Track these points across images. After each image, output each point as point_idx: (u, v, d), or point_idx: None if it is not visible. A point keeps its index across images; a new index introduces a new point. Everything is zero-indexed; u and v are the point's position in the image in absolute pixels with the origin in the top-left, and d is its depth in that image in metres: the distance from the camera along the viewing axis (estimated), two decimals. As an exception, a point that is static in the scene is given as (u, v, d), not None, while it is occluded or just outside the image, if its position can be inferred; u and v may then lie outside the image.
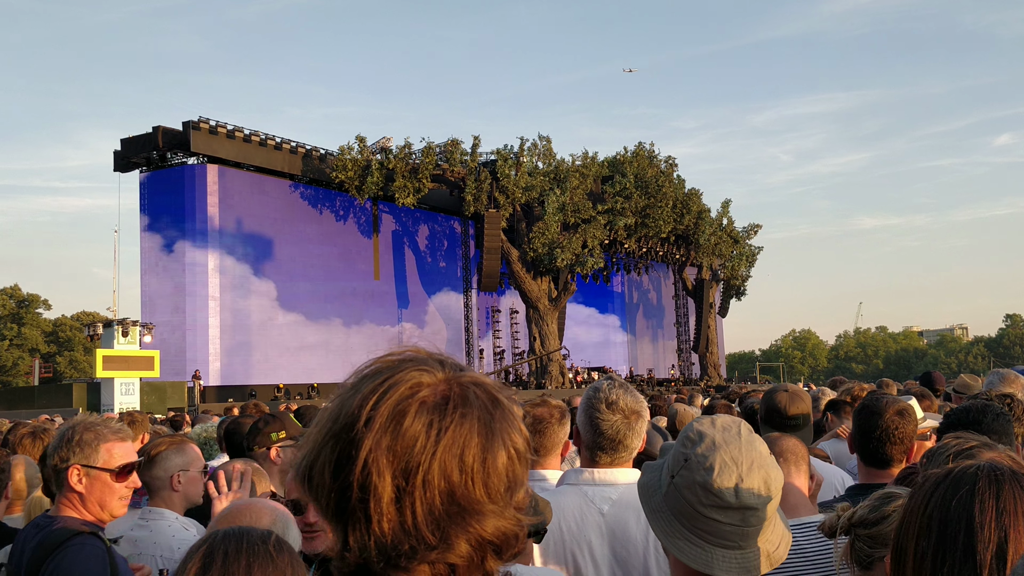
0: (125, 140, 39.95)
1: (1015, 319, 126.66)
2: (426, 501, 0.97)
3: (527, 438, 1.06)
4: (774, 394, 4.49)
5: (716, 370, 59.86)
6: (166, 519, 3.54)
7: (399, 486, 0.96)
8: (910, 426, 3.35)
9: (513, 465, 1.02)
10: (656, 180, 48.07)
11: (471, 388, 1.03)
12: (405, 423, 0.98)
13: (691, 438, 1.70)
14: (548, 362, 44.55)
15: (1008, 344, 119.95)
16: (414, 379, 1.02)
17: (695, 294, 59.15)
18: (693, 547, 1.63)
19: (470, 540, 0.98)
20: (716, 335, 61.27)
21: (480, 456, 0.99)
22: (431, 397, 1.00)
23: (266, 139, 41.34)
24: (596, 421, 2.86)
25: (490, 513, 0.99)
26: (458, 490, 0.97)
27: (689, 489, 1.64)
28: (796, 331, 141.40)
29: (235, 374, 38.84)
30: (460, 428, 0.99)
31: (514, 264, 44.17)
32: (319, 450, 1.01)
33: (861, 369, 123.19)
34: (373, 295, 46.30)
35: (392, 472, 0.96)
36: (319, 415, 1.05)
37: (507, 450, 1.01)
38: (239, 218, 40.21)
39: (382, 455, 0.97)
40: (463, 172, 43.67)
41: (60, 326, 79.57)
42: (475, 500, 0.98)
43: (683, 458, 1.68)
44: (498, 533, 1.00)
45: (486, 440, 1.00)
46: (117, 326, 31.71)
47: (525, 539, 1.07)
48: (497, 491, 1.00)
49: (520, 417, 1.07)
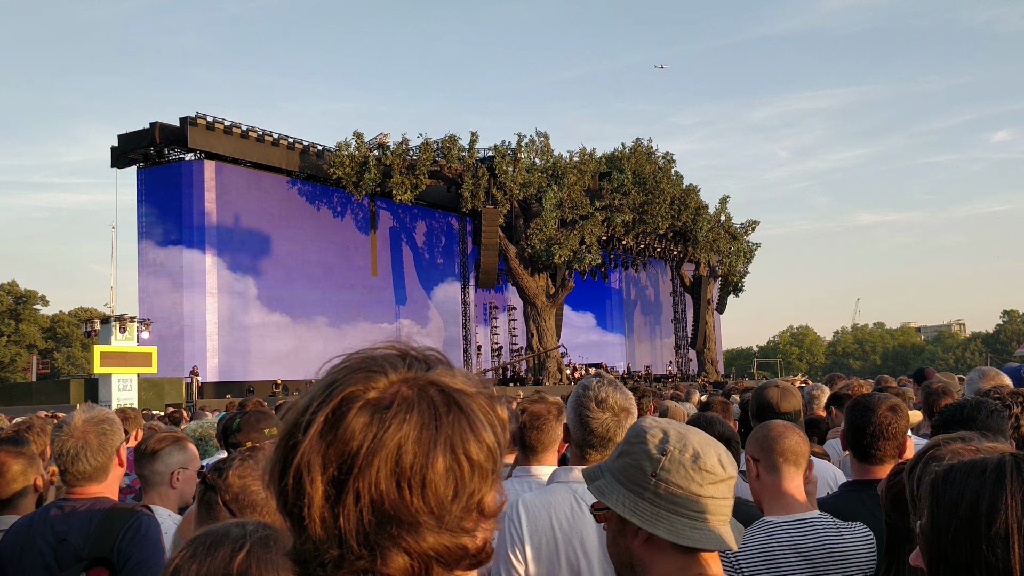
0: (122, 136, 39.85)
1: (1012, 315, 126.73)
2: (357, 509, 0.91)
3: (492, 446, 0.98)
4: (765, 390, 4.51)
5: (714, 366, 59.93)
6: (159, 516, 3.54)
7: (329, 492, 0.92)
8: (903, 422, 3.36)
9: (461, 472, 0.94)
10: (654, 176, 48.06)
11: (427, 388, 0.97)
12: (341, 427, 0.93)
13: (656, 435, 1.76)
14: (546, 359, 44.57)
15: (1005, 340, 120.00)
16: (362, 380, 0.97)
17: (693, 290, 59.19)
18: (698, 531, 1.70)
19: (406, 552, 0.92)
20: (714, 331, 61.34)
21: (418, 463, 0.92)
22: (376, 400, 0.95)
23: (263, 135, 41.26)
24: (586, 419, 2.86)
25: (427, 525, 0.93)
26: (391, 499, 0.91)
27: (682, 476, 1.71)
28: (794, 327, 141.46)
29: (233, 370, 38.83)
30: (398, 431, 0.93)
31: (512, 261, 44.16)
32: (273, 451, 0.99)
33: (859, 365, 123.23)
34: (371, 291, 46.28)
35: (323, 478, 0.92)
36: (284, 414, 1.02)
37: (454, 456, 0.94)
38: (237, 214, 40.15)
39: (315, 460, 0.93)
40: (461, 168, 43.63)
41: (58, 322, 79.54)
42: (410, 511, 0.92)
43: (660, 452, 1.73)
44: (439, 546, 0.93)
45: (427, 445, 0.93)
46: (115, 322, 31.67)
47: (490, 549, 1.00)
48: (438, 501, 0.93)
49: (497, 422, 1.01)
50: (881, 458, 3.33)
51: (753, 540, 2.90)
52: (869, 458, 3.36)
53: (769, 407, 4.36)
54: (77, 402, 28.76)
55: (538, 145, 45.20)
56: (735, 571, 2.85)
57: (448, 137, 43.67)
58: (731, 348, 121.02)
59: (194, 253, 38.62)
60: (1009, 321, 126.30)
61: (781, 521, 2.92)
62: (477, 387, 1.02)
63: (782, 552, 2.85)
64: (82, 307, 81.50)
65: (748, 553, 2.86)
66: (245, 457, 2.22)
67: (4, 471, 3.49)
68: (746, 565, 2.84)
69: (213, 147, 39.05)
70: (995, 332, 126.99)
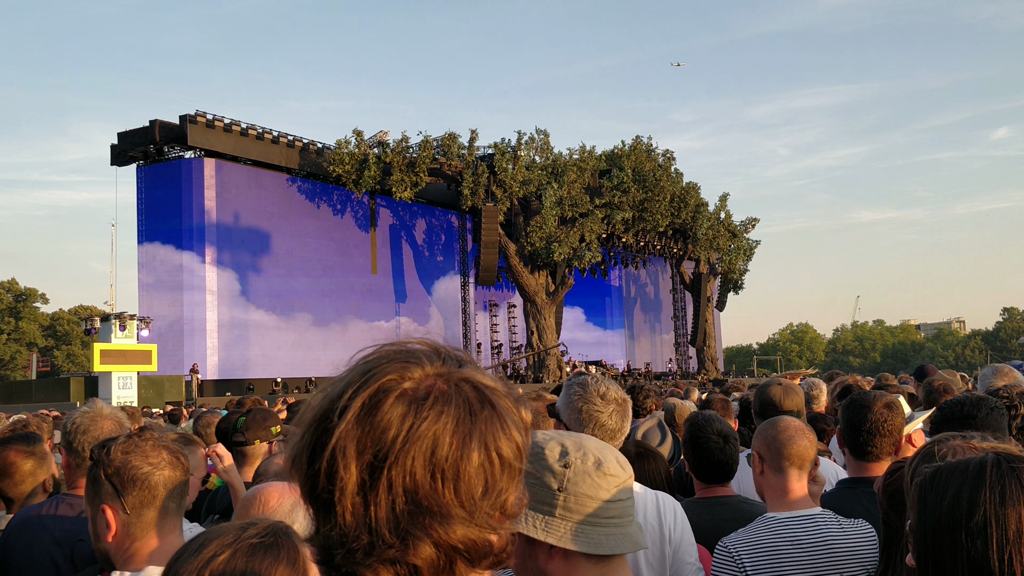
0: (122, 134, 39.84)
1: (1012, 312, 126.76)
2: (389, 498, 0.93)
3: (519, 446, 1.00)
4: (768, 388, 4.53)
5: (713, 364, 59.97)
6: None
7: (363, 479, 0.93)
8: (899, 419, 3.37)
9: (492, 469, 0.96)
10: (654, 174, 48.07)
11: (462, 384, 0.99)
12: (378, 415, 0.95)
13: (554, 449, 1.72)
14: (546, 356, 44.59)
15: (1005, 337, 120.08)
16: (399, 371, 0.98)
17: (693, 288, 59.21)
18: (613, 537, 1.67)
19: (435, 543, 0.94)
20: (714, 329, 61.37)
21: (453, 456, 0.94)
22: (412, 390, 0.97)
23: (263, 133, 41.26)
24: (594, 414, 2.88)
25: (458, 518, 0.94)
26: (423, 489, 0.93)
27: (589, 484, 1.68)
28: (794, 325, 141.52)
29: (233, 368, 38.85)
30: (435, 424, 0.94)
31: (512, 258, 44.17)
32: (302, 436, 0.99)
33: (858, 363, 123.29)
34: (370, 289, 46.29)
35: (358, 464, 0.93)
36: (310, 402, 1.03)
37: (487, 452, 0.96)
38: (236, 212, 40.16)
39: (350, 445, 0.94)
40: (460, 166, 43.63)
41: (58, 320, 79.57)
42: (442, 503, 0.94)
43: (562, 465, 1.69)
44: (467, 540, 0.95)
45: (462, 439, 0.95)
46: (114, 320, 31.71)
47: (511, 550, 1.01)
48: (469, 495, 0.95)
49: (522, 424, 1.02)
50: (877, 455, 3.35)
51: (755, 535, 2.91)
52: (865, 455, 3.38)
53: (772, 405, 4.39)
54: (77, 400, 28.81)
55: (538, 142, 45.21)
56: (736, 567, 2.86)
57: (448, 134, 43.67)
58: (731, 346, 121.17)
59: (194, 251, 38.62)
60: (1009, 318, 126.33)
61: (784, 517, 2.94)
62: (505, 388, 1.04)
63: (783, 547, 2.86)
64: (82, 305, 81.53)
65: (749, 548, 2.87)
66: (132, 435, 2.29)
67: (13, 471, 3.43)
68: (748, 560, 2.85)
69: (213, 145, 39.05)
70: (995, 329, 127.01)
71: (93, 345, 31.70)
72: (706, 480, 3.73)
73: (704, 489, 3.74)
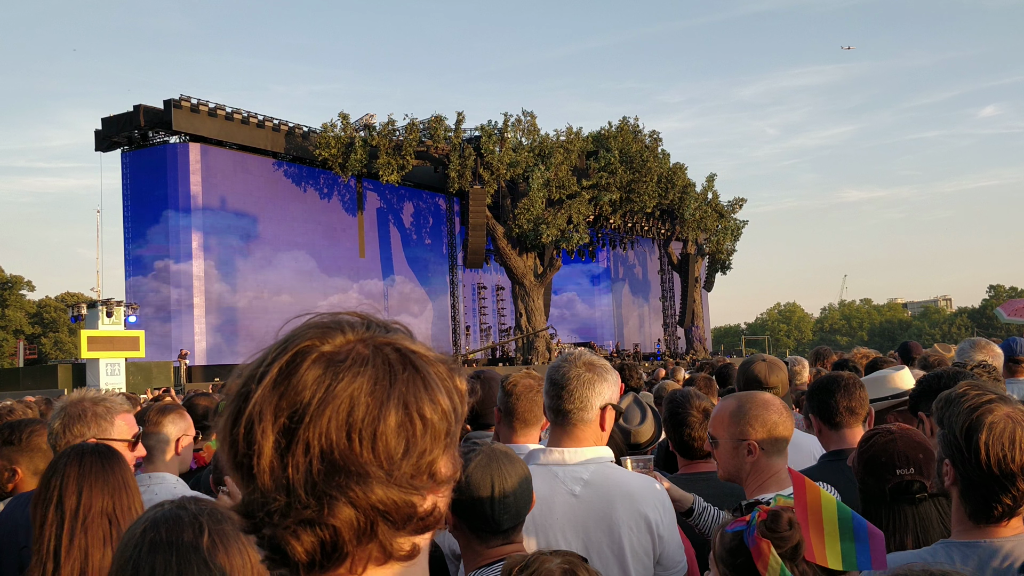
0: (106, 119, 39.54)
1: (998, 290, 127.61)
2: (307, 459, 0.92)
3: (447, 409, 0.99)
4: (752, 364, 4.58)
5: (702, 344, 60.21)
6: (168, 483, 3.63)
7: (279, 442, 0.93)
8: (863, 392, 3.57)
9: (413, 429, 0.95)
10: (640, 155, 48.06)
11: (383, 347, 0.99)
12: (294, 378, 0.94)
13: None
14: (535, 338, 44.68)
15: (991, 315, 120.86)
16: (318, 335, 0.99)
17: (680, 269, 59.35)
18: None
19: (352, 504, 0.93)
20: (702, 309, 61.58)
21: (370, 415, 0.93)
22: (331, 353, 0.96)
23: (248, 117, 41.01)
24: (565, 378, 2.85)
25: (376, 478, 0.93)
26: (340, 449, 0.92)
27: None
28: (781, 304, 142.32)
29: (221, 353, 38.77)
30: (351, 383, 0.93)
31: (499, 240, 44.16)
32: (227, 404, 0.99)
33: (846, 341, 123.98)
34: (359, 272, 46.24)
35: (274, 427, 0.93)
36: (237, 371, 1.03)
37: (407, 412, 0.95)
38: (223, 197, 39.97)
39: (267, 409, 0.93)
40: (447, 148, 43.50)
41: (44, 307, 79.20)
42: (359, 462, 0.92)
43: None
44: (387, 501, 0.94)
45: (380, 400, 0.94)
46: (101, 307, 31.58)
47: (439, 514, 1.00)
48: (388, 455, 0.93)
49: (453, 391, 1.01)
50: (852, 424, 3.49)
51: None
52: (840, 427, 3.51)
53: (757, 381, 4.43)
54: (65, 387, 28.72)
55: (525, 124, 45.08)
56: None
57: (434, 117, 43.49)
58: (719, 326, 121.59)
59: (180, 236, 38.44)
60: (995, 296, 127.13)
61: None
62: (437, 355, 1.03)
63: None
64: (68, 292, 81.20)
65: None
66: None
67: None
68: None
69: (198, 129, 38.80)
70: (981, 307, 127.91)
71: (80, 332, 31.56)
72: (688, 456, 3.77)
73: (687, 465, 3.78)
